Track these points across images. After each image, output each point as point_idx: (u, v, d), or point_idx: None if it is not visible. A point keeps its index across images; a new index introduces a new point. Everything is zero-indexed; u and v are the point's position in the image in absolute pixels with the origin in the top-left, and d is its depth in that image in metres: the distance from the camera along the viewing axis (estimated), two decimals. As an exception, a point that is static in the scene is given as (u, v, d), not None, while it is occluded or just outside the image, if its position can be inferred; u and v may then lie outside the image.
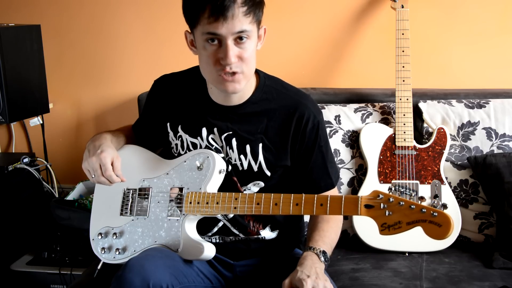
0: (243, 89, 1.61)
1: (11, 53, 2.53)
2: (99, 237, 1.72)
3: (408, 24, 2.26)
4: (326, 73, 2.62)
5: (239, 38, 1.52)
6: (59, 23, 2.80)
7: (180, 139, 1.75)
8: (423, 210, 1.36)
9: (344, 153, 2.28)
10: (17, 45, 2.57)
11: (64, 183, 2.84)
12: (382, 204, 1.40)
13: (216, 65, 1.55)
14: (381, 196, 1.42)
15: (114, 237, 1.70)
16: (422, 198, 1.36)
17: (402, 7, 2.27)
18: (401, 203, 1.38)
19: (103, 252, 1.71)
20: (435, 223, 1.34)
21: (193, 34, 1.60)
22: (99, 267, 1.73)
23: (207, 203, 1.59)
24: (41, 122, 2.84)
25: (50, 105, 2.81)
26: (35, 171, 2.66)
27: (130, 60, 2.78)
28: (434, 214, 1.34)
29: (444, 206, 1.41)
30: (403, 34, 2.25)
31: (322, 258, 1.60)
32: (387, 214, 1.39)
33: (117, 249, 1.68)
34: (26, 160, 2.63)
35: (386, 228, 1.39)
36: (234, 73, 1.55)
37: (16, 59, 2.56)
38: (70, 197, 2.55)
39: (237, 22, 1.49)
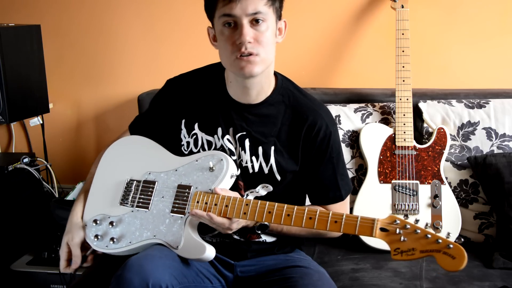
0: (260, 73, 1.61)
1: (11, 53, 2.53)
2: (94, 223, 1.69)
3: (408, 24, 2.26)
4: (326, 73, 2.62)
5: (254, 21, 1.55)
6: (59, 23, 2.80)
7: (194, 137, 1.74)
8: (438, 240, 1.36)
9: (344, 153, 2.25)
10: (17, 45, 2.57)
11: (64, 183, 2.84)
12: (398, 229, 1.40)
13: (233, 47, 1.56)
14: (397, 221, 1.41)
15: (110, 225, 1.67)
16: (437, 229, 1.37)
17: (402, 7, 2.27)
18: (418, 231, 1.38)
19: (96, 239, 1.68)
20: (449, 255, 1.34)
21: (214, 26, 1.63)
22: (88, 253, 1.71)
23: (215, 204, 1.57)
24: (41, 122, 2.84)
25: (50, 105, 2.81)
26: (35, 171, 2.66)
27: (130, 60, 2.78)
28: (450, 246, 1.34)
29: (459, 238, 1.42)
30: (403, 34, 2.25)
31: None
32: (402, 240, 1.39)
33: (112, 238, 1.66)
34: (26, 160, 2.63)
35: (399, 253, 1.38)
36: (250, 55, 1.56)
37: (16, 59, 2.56)
38: (70, 197, 2.55)
39: (251, 2, 1.52)
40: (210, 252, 1.58)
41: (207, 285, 1.68)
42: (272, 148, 1.69)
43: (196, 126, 1.75)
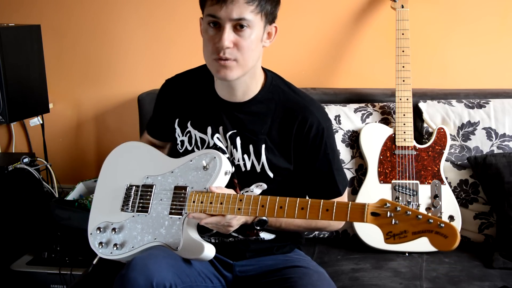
0: (236, 78, 1.60)
1: (11, 53, 2.53)
2: (98, 231, 1.72)
3: (408, 24, 2.26)
4: (326, 73, 2.62)
5: (239, 26, 1.53)
6: (59, 23, 2.80)
7: (188, 135, 1.75)
8: (430, 220, 1.35)
9: (344, 153, 2.28)
10: (17, 45, 2.57)
11: (64, 183, 2.84)
12: (388, 212, 1.39)
13: (213, 48, 1.56)
14: (388, 204, 1.40)
15: (113, 232, 1.69)
16: (429, 209, 1.36)
17: (402, 7, 2.27)
18: (408, 212, 1.37)
19: (100, 246, 1.70)
20: (441, 234, 1.34)
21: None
22: (94, 262, 1.73)
23: (210, 203, 1.58)
24: (41, 122, 2.84)
25: (50, 105, 2.81)
26: (35, 171, 2.66)
27: (130, 60, 2.78)
28: (441, 225, 1.34)
29: (451, 217, 1.40)
30: (403, 34, 2.25)
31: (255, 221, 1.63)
32: (393, 223, 1.38)
33: (115, 244, 1.68)
34: (26, 160, 2.63)
35: (392, 237, 1.38)
36: (226, 59, 1.55)
37: (16, 59, 2.56)
38: (70, 197, 2.55)
39: (236, 8, 1.51)
40: (208, 251, 1.59)
41: (208, 284, 1.68)
42: (263, 146, 1.69)
43: (189, 124, 1.76)
